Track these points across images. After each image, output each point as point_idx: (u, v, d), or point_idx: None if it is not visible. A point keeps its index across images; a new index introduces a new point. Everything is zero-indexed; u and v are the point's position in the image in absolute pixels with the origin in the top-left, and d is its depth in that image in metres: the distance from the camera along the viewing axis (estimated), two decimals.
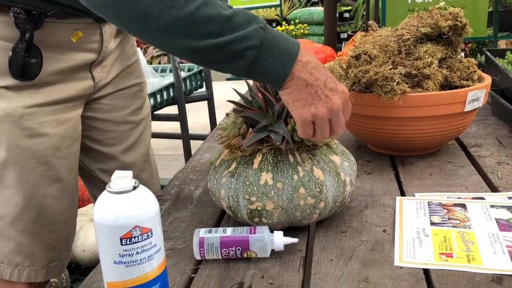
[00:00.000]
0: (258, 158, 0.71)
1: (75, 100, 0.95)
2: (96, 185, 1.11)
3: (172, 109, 2.38)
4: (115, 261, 0.52)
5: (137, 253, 0.52)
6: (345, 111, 0.71)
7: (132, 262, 0.53)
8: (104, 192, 0.53)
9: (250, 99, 0.75)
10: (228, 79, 6.20)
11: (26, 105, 0.87)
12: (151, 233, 0.53)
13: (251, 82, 0.76)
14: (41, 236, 0.94)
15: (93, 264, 1.76)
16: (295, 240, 0.70)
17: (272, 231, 0.70)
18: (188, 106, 2.33)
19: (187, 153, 2.32)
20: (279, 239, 0.68)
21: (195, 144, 2.31)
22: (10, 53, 0.83)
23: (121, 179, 0.52)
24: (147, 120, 1.15)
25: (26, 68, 0.85)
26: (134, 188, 0.52)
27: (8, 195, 0.90)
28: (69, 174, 0.96)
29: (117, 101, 1.05)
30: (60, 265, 0.99)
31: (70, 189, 0.97)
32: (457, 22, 0.96)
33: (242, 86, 0.91)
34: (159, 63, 5.28)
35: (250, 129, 0.74)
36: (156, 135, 3.05)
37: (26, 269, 0.93)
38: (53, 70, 0.89)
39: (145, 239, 0.52)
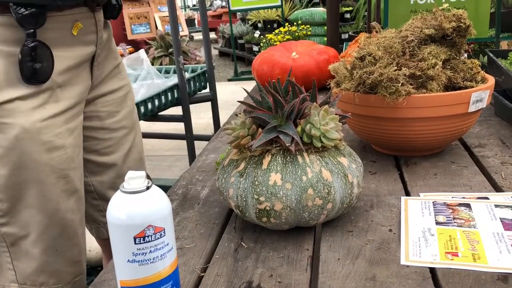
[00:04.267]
0: (267, 159, 0.73)
1: (78, 104, 0.92)
2: (89, 201, 1.06)
3: (175, 110, 2.39)
4: (128, 260, 0.53)
5: (150, 252, 0.53)
6: None
7: (146, 261, 0.54)
8: (118, 192, 0.54)
9: (260, 100, 0.77)
10: (229, 80, 6.22)
11: (42, 118, 0.84)
12: (164, 232, 0.54)
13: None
14: (65, 251, 0.91)
15: (98, 264, 1.77)
16: None
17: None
18: (190, 107, 2.34)
19: (191, 154, 2.33)
20: None
21: (198, 145, 2.33)
22: (20, 57, 0.79)
23: (135, 179, 0.53)
24: (137, 124, 1.12)
25: (37, 71, 0.81)
26: (148, 188, 0.54)
27: (30, 214, 0.86)
28: (81, 184, 0.94)
29: (111, 106, 1.02)
30: (83, 278, 0.97)
31: (82, 199, 0.95)
32: (460, 24, 0.97)
33: (244, 86, 0.92)
34: (161, 64, 5.29)
35: (260, 130, 0.75)
36: (160, 136, 3.07)
37: (52, 287, 0.90)
38: (61, 69, 0.86)
39: (158, 238, 0.54)
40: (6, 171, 0.83)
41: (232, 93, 4.65)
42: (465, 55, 1.08)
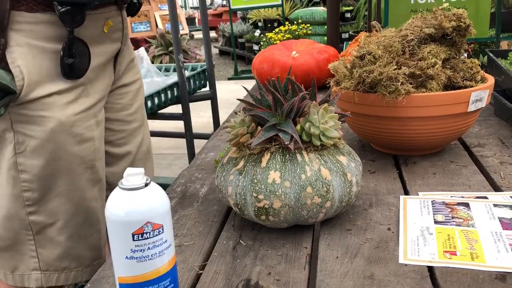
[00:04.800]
0: (266, 157, 0.73)
1: (104, 98, 0.97)
2: None
3: (175, 108, 2.39)
4: (126, 256, 0.53)
5: (149, 248, 0.53)
6: None
7: (144, 258, 0.54)
8: (116, 189, 0.54)
9: (260, 98, 0.77)
10: (229, 79, 6.22)
11: (75, 112, 0.88)
12: (162, 229, 0.54)
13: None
14: (88, 237, 0.95)
15: None
16: None
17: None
18: (189, 105, 2.34)
19: (191, 152, 2.33)
20: None
21: (197, 143, 2.33)
22: (61, 53, 0.83)
23: (133, 176, 0.53)
24: (146, 118, 1.17)
25: (75, 67, 0.85)
26: (146, 185, 0.54)
27: (58, 203, 0.90)
28: (103, 173, 0.98)
29: (125, 99, 1.06)
30: (101, 262, 1.01)
31: (104, 187, 0.99)
32: (460, 23, 0.97)
33: (244, 84, 0.92)
34: (161, 62, 5.28)
35: (259, 128, 0.75)
36: (159, 134, 3.06)
37: (73, 270, 0.94)
38: (93, 65, 0.90)
39: (156, 235, 0.54)
40: (42, 162, 0.87)
41: (232, 92, 4.64)
42: (465, 54, 1.08)
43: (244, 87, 0.84)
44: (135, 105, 1.08)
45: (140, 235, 0.53)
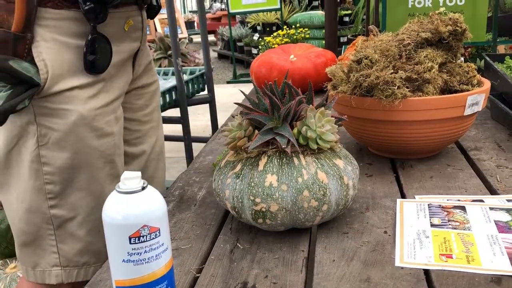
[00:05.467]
0: (263, 160, 0.73)
1: (122, 96, 0.99)
2: None
3: (174, 112, 2.39)
4: (123, 260, 0.54)
5: (145, 251, 0.54)
6: None
7: (140, 261, 0.54)
8: (113, 192, 0.54)
9: (257, 102, 0.77)
10: (228, 82, 6.23)
11: (96, 107, 0.90)
12: (159, 232, 0.54)
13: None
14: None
15: None
16: None
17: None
18: (188, 109, 2.34)
19: (189, 156, 2.33)
20: None
21: (195, 147, 2.33)
22: (84, 49, 0.86)
23: (130, 179, 0.54)
24: (160, 120, 1.19)
25: (96, 62, 0.88)
26: (143, 188, 0.54)
27: (79, 196, 0.92)
28: (123, 169, 0.99)
29: (143, 99, 1.08)
30: None
31: None
32: (457, 28, 0.98)
33: (243, 88, 0.93)
34: (160, 66, 5.29)
35: (256, 131, 0.75)
36: None
37: (92, 266, 0.95)
38: (113, 62, 0.92)
39: (153, 238, 0.54)
40: (64, 154, 0.89)
41: (231, 95, 4.65)
42: (462, 58, 1.09)
43: (241, 91, 0.85)
44: (151, 106, 1.11)
45: (137, 238, 0.53)
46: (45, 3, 0.84)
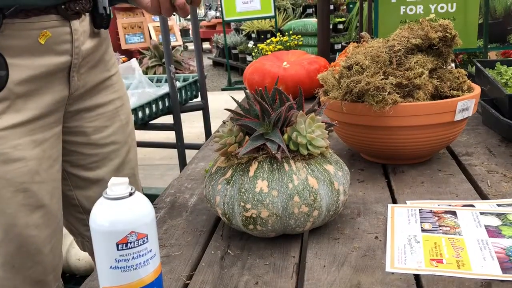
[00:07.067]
0: (254, 166, 0.73)
1: (50, 115, 0.87)
2: (74, 215, 1.03)
3: (167, 119, 2.39)
4: (111, 266, 0.53)
5: (133, 258, 0.53)
6: None
7: (128, 267, 0.53)
8: (101, 199, 0.54)
9: (247, 108, 0.77)
10: (223, 89, 6.24)
11: None
12: (147, 238, 0.54)
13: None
14: (24, 269, 0.85)
15: (87, 273, 1.76)
16: None
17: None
18: (182, 116, 2.34)
19: (182, 163, 2.33)
20: None
21: (190, 154, 2.32)
22: None
23: (118, 185, 0.53)
24: (132, 138, 1.07)
25: None
26: (130, 194, 0.53)
27: None
28: (52, 198, 0.88)
29: (99, 121, 0.98)
30: None
31: (54, 214, 0.89)
32: (446, 34, 0.98)
33: (238, 95, 0.93)
34: (155, 73, 5.30)
35: (247, 137, 0.75)
36: (151, 145, 3.06)
37: None
38: (21, 79, 0.81)
39: (141, 245, 0.53)
40: None
41: (225, 103, 4.64)
42: (453, 64, 1.10)
43: (232, 97, 0.85)
44: (112, 126, 1.00)
45: (124, 245, 0.52)
46: None
